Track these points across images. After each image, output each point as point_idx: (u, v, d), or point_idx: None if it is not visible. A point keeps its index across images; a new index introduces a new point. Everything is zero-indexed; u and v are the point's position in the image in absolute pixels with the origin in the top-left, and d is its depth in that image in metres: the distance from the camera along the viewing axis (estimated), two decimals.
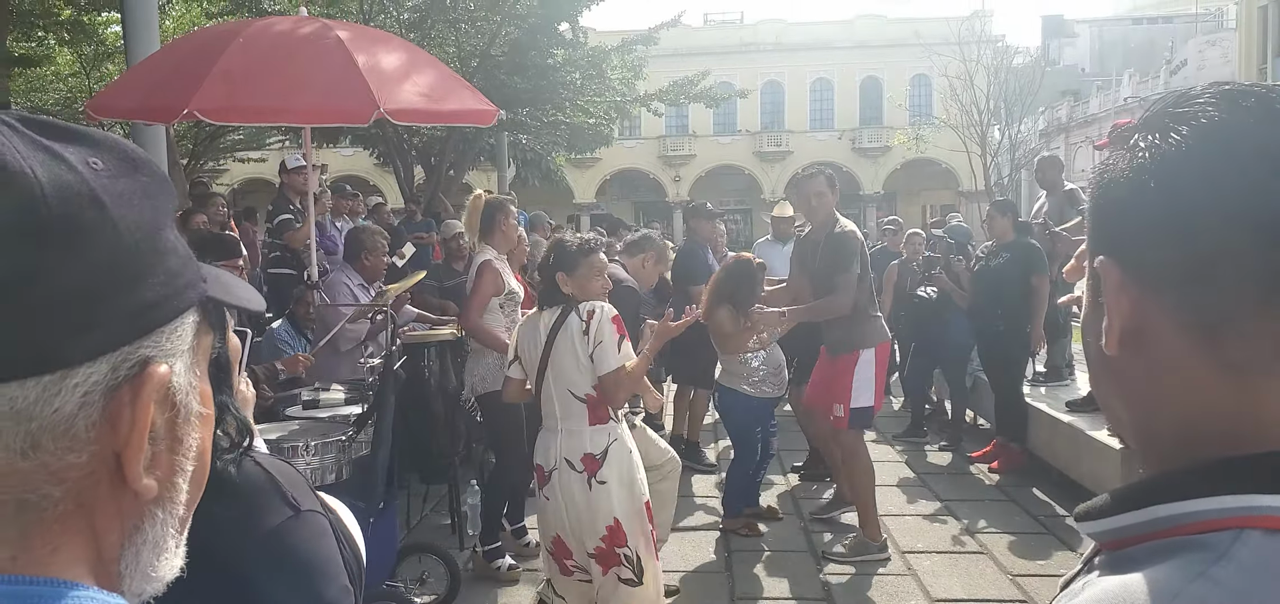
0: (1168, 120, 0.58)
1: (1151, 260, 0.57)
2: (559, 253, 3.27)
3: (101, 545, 0.54)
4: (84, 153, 0.53)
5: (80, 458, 0.51)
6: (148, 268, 0.53)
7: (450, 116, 5.12)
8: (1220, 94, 0.58)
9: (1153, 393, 0.59)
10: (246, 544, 1.14)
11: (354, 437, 3.59)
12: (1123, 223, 0.60)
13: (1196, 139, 0.56)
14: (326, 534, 1.22)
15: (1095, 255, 0.62)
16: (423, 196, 11.94)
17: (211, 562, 1.03)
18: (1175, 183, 0.56)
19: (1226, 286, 0.55)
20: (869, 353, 4.64)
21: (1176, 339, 0.57)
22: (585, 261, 3.23)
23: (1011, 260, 6.14)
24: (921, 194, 39.04)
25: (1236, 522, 0.52)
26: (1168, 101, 0.61)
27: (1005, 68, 23.36)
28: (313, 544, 1.19)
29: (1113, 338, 0.60)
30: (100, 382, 0.51)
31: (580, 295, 3.21)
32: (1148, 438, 0.62)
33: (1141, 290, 0.58)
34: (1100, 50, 41.87)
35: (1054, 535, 4.99)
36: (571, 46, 12.11)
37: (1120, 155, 0.61)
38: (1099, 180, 0.62)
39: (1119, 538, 0.58)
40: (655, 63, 15.70)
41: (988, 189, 22.45)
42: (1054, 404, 6.15)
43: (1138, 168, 0.58)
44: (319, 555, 1.19)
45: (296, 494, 1.21)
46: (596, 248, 3.31)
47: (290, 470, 1.27)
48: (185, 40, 5.91)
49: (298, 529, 1.18)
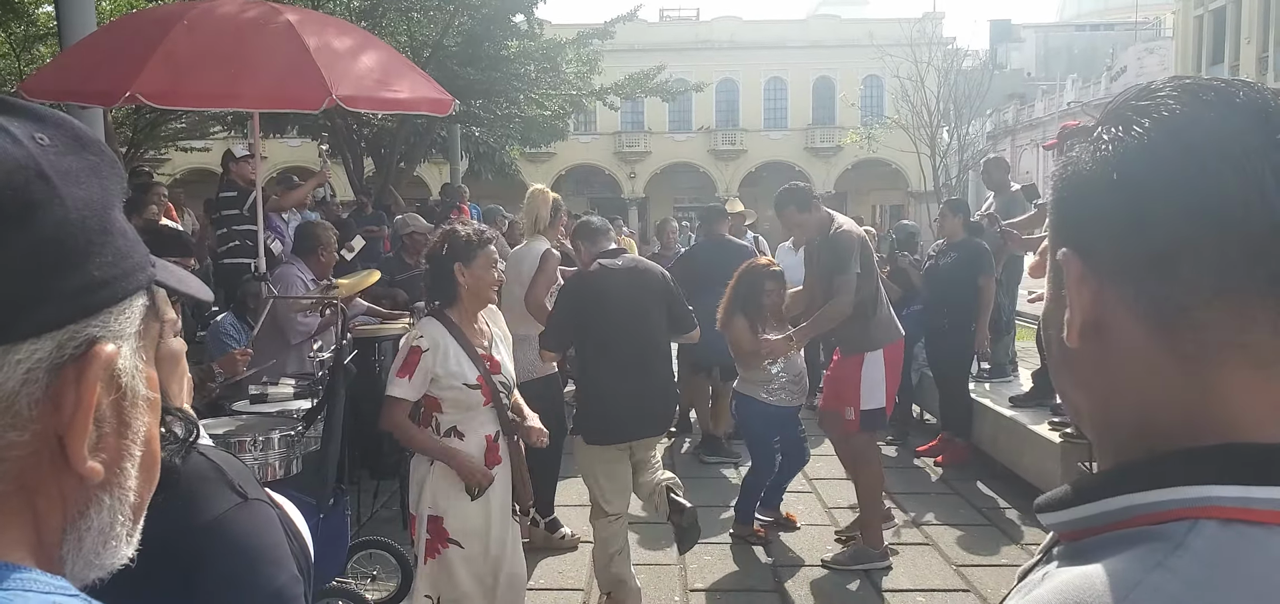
0: (1130, 113, 0.59)
1: (1112, 253, 0.58)
2: (454, 244, 3.08)
3: (42, 529, 0.53)
4: (30, 127, 0.51)
5: (22, 436, 0.50)
6: (95, 246, 0.52)
7: (405, 104, 5.06)
8: (1181, 88, 0.58)
9: (1112, 385, 0.60)
10: (191, 532, 1.12)
11: (304, 432, 3.54)
12: (1084, 215, 0.60)
13: (1157, 132, 0.57)
14: (274, 524, 1.20)
15: (1058, 248, 0.62)
16: (373, 189, 11.77)
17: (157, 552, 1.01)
18: (1136, 175, 0.57)
19: (1184, 279, 0.55)
20: (876, 354, 4.51)
21: (1135, 331, 0.57)
22: (482, 254, 3.05)
23: (959, 260, 6.26)
24: (871, 194, 39.64)
25: (1193, 512, 0.53)
26: (1130, 94, 0.61)
27: (955, 70, 23.81)
28: (260, 531, 1.17)
29: (1073, 330, 0.60)
30: (45, 359, 0.50)
31: (472, 289, 3.05)
32: (1107, 429, 0.62)
33: (1102, 283, 0.58)
34: (1045, 55, 42.94)
35: (998, 528, 5.11)
36: (526, 38, 12.03)
37: (1084, 148, 0.61)
38: (1062, 173, 0.63)
39: (1078, 529, 0.59)
40: (611, 57, 15.67)
41: (937, 190, 22.87)
42: (998, 400, 6.29)
43: (1100, 161, 0.59)
44: (267, 542, 1.17)
45: (242, 482, 1.19)
46: (491, 239, 3.15)
47: (236, 462, 1.25)
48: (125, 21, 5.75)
49: (244, 516, 1.16)
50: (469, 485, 3.02)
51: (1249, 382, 0.56)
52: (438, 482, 3.06)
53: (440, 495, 3.06)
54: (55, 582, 0.51)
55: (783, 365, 4.62)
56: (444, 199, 10.15)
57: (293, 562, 1.19)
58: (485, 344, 3.11)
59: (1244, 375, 0.56)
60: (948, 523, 5.16)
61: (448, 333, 3.02)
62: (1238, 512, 0.53)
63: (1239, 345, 0.55)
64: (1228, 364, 0.56)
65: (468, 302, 3.06)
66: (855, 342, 4.55)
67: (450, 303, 3.06)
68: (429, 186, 23.59)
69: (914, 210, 30.29)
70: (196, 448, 1.21)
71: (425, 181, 23.44)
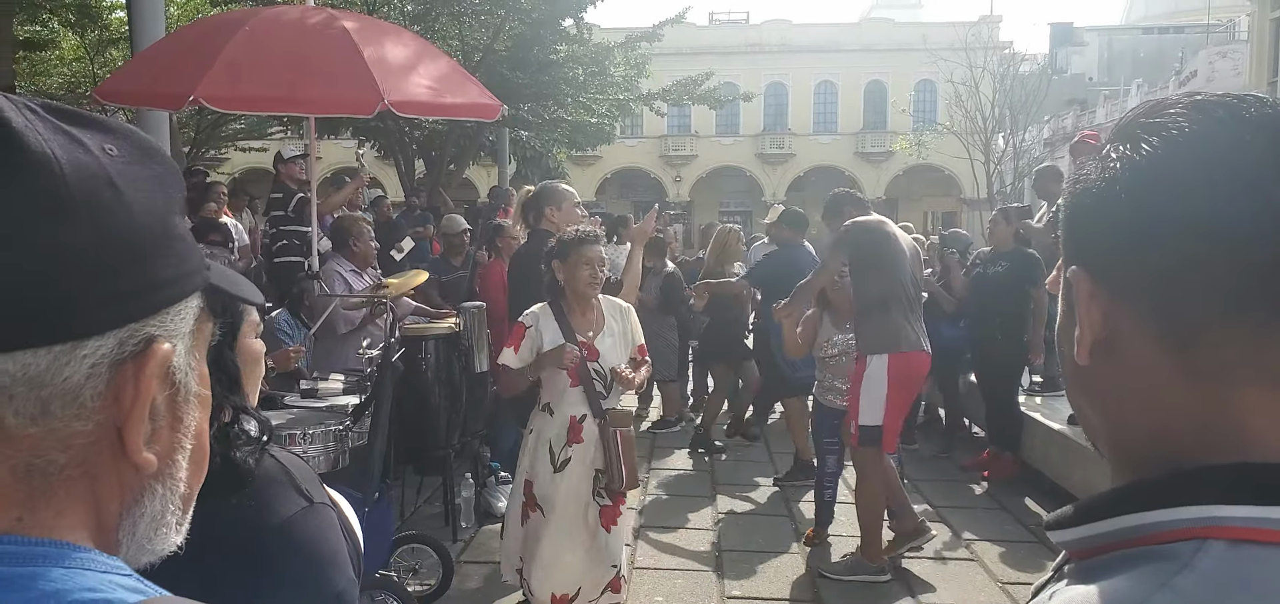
0: (1139, 130, 0.59)
1: (1121, 270, 0.58)
2: (558, 244, 3.48)
3: (102, 513, 0.56)
4: (101, 139, 0.55)
5: (86, 426, 0.54)
6: (157, 250, 0.56)
7: (455, 110, 5.15)
8: (1191, 105, 0.58)
9: (1123, 402, 0.60)
10: (260, 533, 1.16)
11: (351, 427, 3.62)
12: (1094, 233, 0.60)
13: (1167, 149, 0.57)
14: (335, 528, 1.24)
15: (1068, 265, 0.62)
16: (423, 190, 11.95)
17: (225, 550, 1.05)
18: (1145, 193, 0.57)
19: (1195, 297, 0.55)
20: (878, 360, 4.23)
21: (1145, 349, 0.57)
22: (576, 252, 3.37)
23: (1009, 269, 6.13)
24: (923, 200, 39.00)
25: (1201, 532, 0.53)
26: (1140, 111, 0.61)
27: (1011, 75, 23.36)
28: (323, 535, 1.21)
29: (1084, 347, 0.60)
30: (108, 354, 0.54)
31: (568, 283, 3.38)
32: (1119, 446, 0.62)
33: (1112, 300, 0.58)
34: (1109, 59, 41.68)
35: (1045, 545, 5.00)
36: (575, 42, 12.07)
37: (1093, 165, 0.61)
38: (1072, 190, 0.63)
39: (1086, 547, 0.59)
40: (659, 60, 15.66)
41: (990, 197, 22.45)
42: (1049, 413, 6.15)
43: (1109, 178, 0.59)
44: (329, 546, 1.21)
45: (309, 486, 1.23)
46: (593, 240, 3.42)
47: (301, 463, 1.29)
48: (192, 28, 5.94)
49: (310, 520, 1.20)
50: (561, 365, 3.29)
51: (1263, 400, 0.55)
52: (531, 447, 3.42)
53: (532, 462, 3.40)
54: (112, 562, 0.55)
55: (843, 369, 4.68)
56: (491, 202, 10.28)
57: (350, 564, 1.23)
58: (589, 333, 3.40)
59: (1258, 394, 0.55)
60: (993, 539, 5.07)
61: (551, 316, 3.38)
62: (1247, 532, 0.52)
63: (1254, 365, 0.55)
64: (1242, 383, 0.55)
65: (569, 294, 3.40)
66: (863, 340, 4.39)
67: (558, 294, 3.41)
68: (478, 189, 23.86)
69: (966, 218, 29.76)
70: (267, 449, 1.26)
71: (474, 184, 23.72)
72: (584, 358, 3.32)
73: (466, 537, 4.90)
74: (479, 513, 5.13)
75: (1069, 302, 0.63)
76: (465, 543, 4.83)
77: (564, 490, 3.34)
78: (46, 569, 0.51)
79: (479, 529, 5.04)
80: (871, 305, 4.31)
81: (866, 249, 4.38)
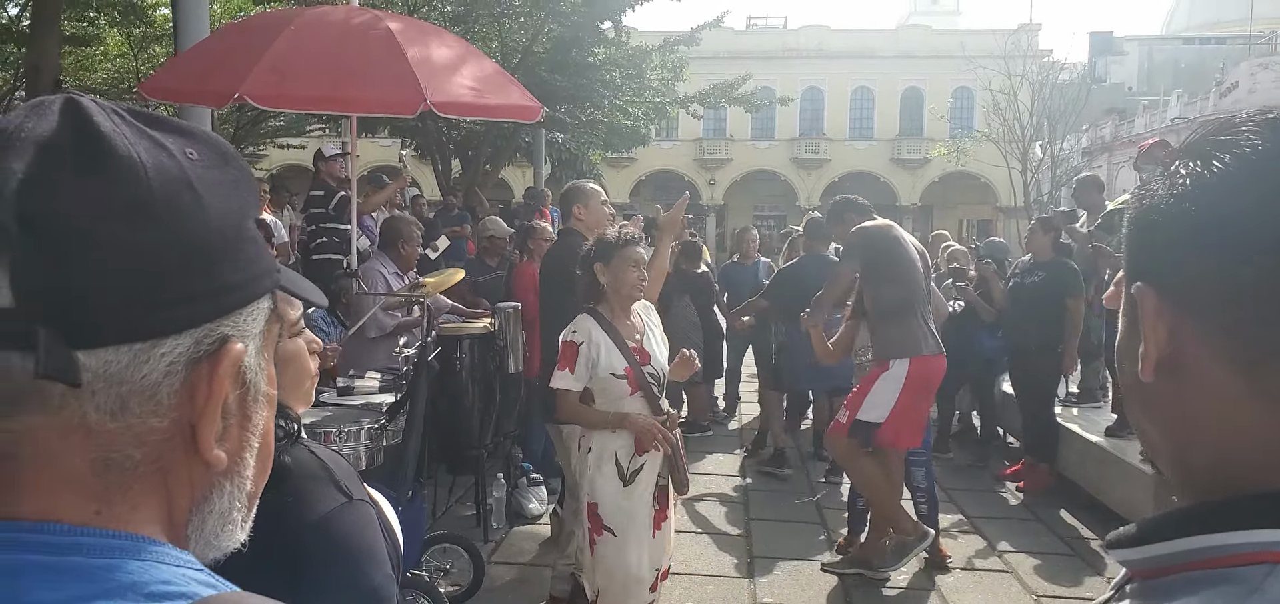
0: (1210, 147, 0.58)
1: (1190, 288, 0.57)
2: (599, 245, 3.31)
3: (173, 509, 0.58)
4: (182, 143, 0.57)
5: (162, 423, 0.55)
6: (232, 252, 0.57)
7: (496, 111, 5.17)
8: (1264, 123, 0.57)
9: (1189, 421, 0.59)
10: (300, 529, 1.17)
11: (386, 425, 3.66)
12: (1161, 249, 0.59)
13: (1239, 167, 0.56)
14: (374, 524, 1.25)
15: (1133, 281, 0.61)
16: (459, 190, 12.06)
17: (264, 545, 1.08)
18: (1216, 210, 0.56)
19: (1266, 317, 0.54)
20: (900, 364, 4.23)
21: (1214, 368, 0.56)
22: (620, 254, 3.22)
23: (1046, 279, 6.05)
24: (959, 207, 38.59)
25: (1270, 556, 0.52)
26: (1209, 128, 0.60)
27: (1050, 84, 23.03)
28: (362, 531, 1.22)
29: (1149, 364, 0.59)
30: (184, 353, 0.55)
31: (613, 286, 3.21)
32: (1183, 466, 0.61)
33: (1178, 317, 0.57)
34: (1149, 69, 40.99)
35: (1081, 558, 4.93)
36: (613, 45, 12.12)
37: (1160, 182, 0.60)
38: (1137, 206, 0.62)
39: (1151, 567, 0.58)
40: (695, 64, 15.66)
41: (1027, 205, 22.16)
42: (1086, 425, 6.07)
43: (1178, 194, 0.58)
44: (367, 542, 1.22)
45: (348, 483, 1.24)
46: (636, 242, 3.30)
47: (340, 459, 1.30)
48: (236, 26, 6.03)
49: (349, 516, 1.21)
50: (644, 443, 3.15)
51: None
52: (590, 469, 3.21)
53: (594, 482, 3.21)
54: (184, 556, 0.57)
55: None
56: (527, 203, 10.35)
57: (387, 561, 1.25)
58: (637, 337, 3.26)
59: None
60: (1028, 550, 5.00)
61: (598, 326, 3.19)
62: None
63: None
64: None
65: (613, 298, 3.22)
66: (884, 345, 4.35)
67: (599, 299, 3.24)
68: (512, 189, 24.04)
69: (1003, 226, 29.37)
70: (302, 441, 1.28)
71: (509, 184, 23.86)
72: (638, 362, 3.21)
73: (498, 537, 4.94)
74: (510, 514, 5.15)
75: (1132, 317, 0.62)
76: (496, 544, 4.87)
77: (638, 500, 3.20)
78: (124, 562, 0.53)
79: (510, 530, 5.07)
80: (890, 311, 4.30)
81: (878, 255, 4.37)
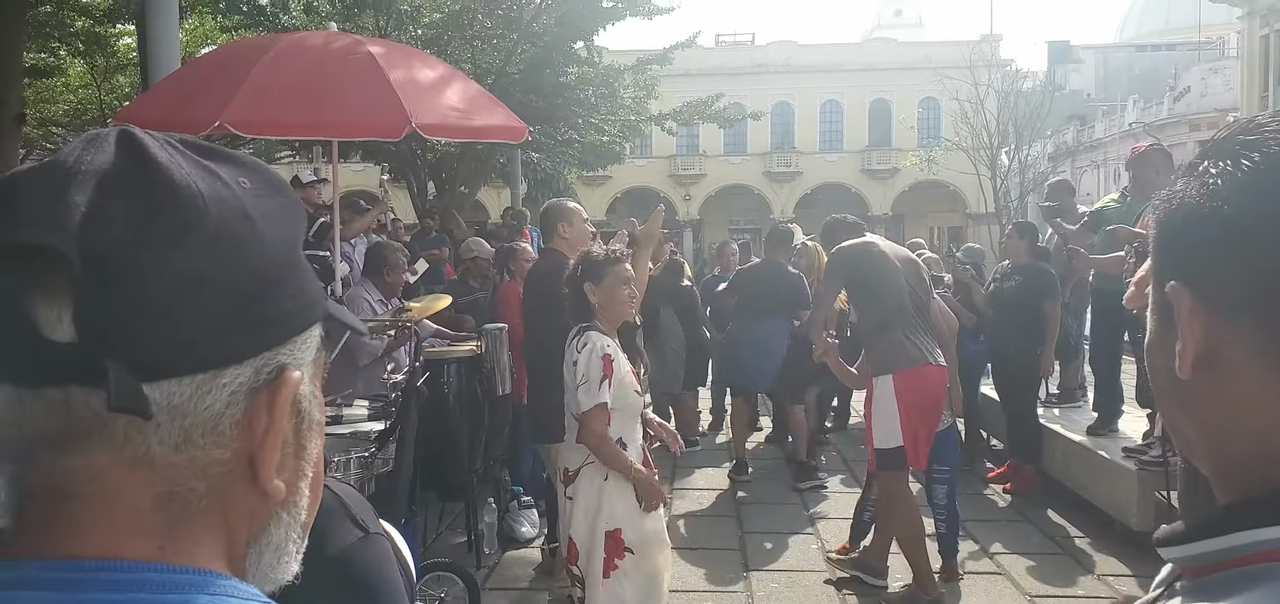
0: (1238, 147, 0.59)
1: (1225, 285, 0.58)
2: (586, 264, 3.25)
3: (232, 542, 0.57)
4: (234, 172, 0.56)
5: (224, 454, 0.54)
6: (286, 280, 0.57)
7: (483, 133, 5.16)
8: None
9: (1228, 418, 0.59)
10: (317, 564, 1.15)
11: (376, 453, 3.61)
12: (1194, 248, 0.60)
13: (1269, 165, 0.57)
14: (391, 558, 1.23)
15: (1165, 280, 0.62)
16: (436, 212, 11.99)
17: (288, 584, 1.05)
18: (1250, 207, 0.57)
19: None
20: (884, 380, 4.18)
21: (1252, 363, 0.57)
22: (611, 271, 3.18)
23: (1023, 284, 6.16)
24: (929, 216, 39.05)
25: None
26: (1237, 129, 0.61)
27: (1015, 92, 23.43)
28: (379, 566, 1.20)
29: (1187, 362, 0.59)
30: (245, 383, 0.54)
31: (604, 305, 3.16)
32: (1223, 463, 0.61)
33: (1213, 314, 0.58)
34: (1105, 76, 41.88)
35: (1071, 556, 4.98)
36: (586, 65, 12.15)
37: (1189, 182, 0.61)
38: (1166, 206, 0.63)
39: (1200, 564, 0.58)
40: (668, 82, 15.74)
41: (997, 212, 22.48)
42: (1068, 425, 6.15)
43: (1209, 193, 0.59)
44: (385, 578, 1.20)
45: (363, 516, 1.22)
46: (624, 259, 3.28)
47: (355, 492, 1.28)
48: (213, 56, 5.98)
49: (366, 551, 1.19)
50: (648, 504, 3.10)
51: None
52: (613, 496, 3.11)
53: (619, 508, 3.12)
54: (249, 589, 0.55)
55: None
56: (506, 223, 10.31)
57: (405, 597, 1.22)
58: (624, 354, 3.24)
59: None
60: (1019, 551, 5.04)
61: (609, 340, 3.11)
62: None
63: None
64: None
65: (603, 317, 3.17)
66: (870, 363, 4.33)
67: (589, 319, 3.17)
68: (489, 210, 23.95)
69: (974, 232, 29.74)
70: None
71: (484, 205, 23.79)
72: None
73: (491, 563, 4.89)
74: (502, 538, 5.10)
75: (1162, 316, 0.63)
76: (490, 569, 4.82)
77: (654, 516, 3.18)
78: (193, 597, 0.52)
79: (502, 555, 5.02)
80: (873, 328, 4.31)
81: (856, 273, 4.37)
